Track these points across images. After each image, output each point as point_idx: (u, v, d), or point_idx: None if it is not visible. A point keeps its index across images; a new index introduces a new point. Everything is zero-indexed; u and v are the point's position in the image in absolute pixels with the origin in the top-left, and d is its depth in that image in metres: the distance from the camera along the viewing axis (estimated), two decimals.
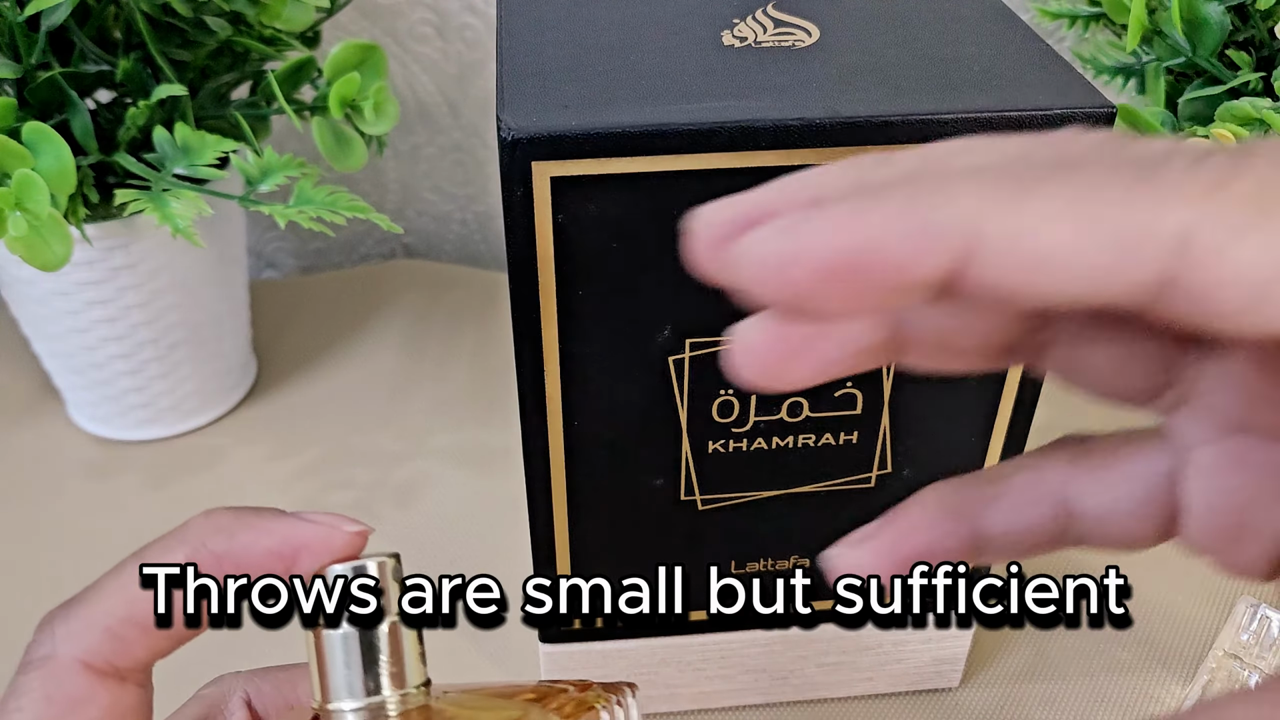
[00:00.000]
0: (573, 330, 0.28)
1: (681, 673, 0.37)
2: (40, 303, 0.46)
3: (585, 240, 0.27)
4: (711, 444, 0.31)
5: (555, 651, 0.36)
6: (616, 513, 0.32)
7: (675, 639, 0.36)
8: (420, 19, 0.59)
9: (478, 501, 0.47)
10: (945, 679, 0.38)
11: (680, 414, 0.30)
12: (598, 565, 0.33)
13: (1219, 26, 0.38)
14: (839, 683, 0.38)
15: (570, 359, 0.29)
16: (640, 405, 0.30)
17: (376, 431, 0.51)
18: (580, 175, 0.25)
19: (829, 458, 0.32)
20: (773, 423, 0.31)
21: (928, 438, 0.32)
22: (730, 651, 0.36)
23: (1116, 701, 0.38)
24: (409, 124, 0.62)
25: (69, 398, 0.52)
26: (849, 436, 0.31)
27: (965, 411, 0.31)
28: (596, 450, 0.31)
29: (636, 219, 0.26)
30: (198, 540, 0.22)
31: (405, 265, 0.64)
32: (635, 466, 0.31)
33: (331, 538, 0.22)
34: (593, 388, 0.29)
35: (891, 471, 0.32)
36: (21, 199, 0.37)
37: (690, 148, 0.25)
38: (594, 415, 0.30)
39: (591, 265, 0.27)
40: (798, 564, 0.34)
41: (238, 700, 0.24)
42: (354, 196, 0.41)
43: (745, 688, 0.38)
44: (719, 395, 0.30)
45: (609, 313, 0.28)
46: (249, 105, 0.45)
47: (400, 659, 0.22)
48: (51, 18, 0.39)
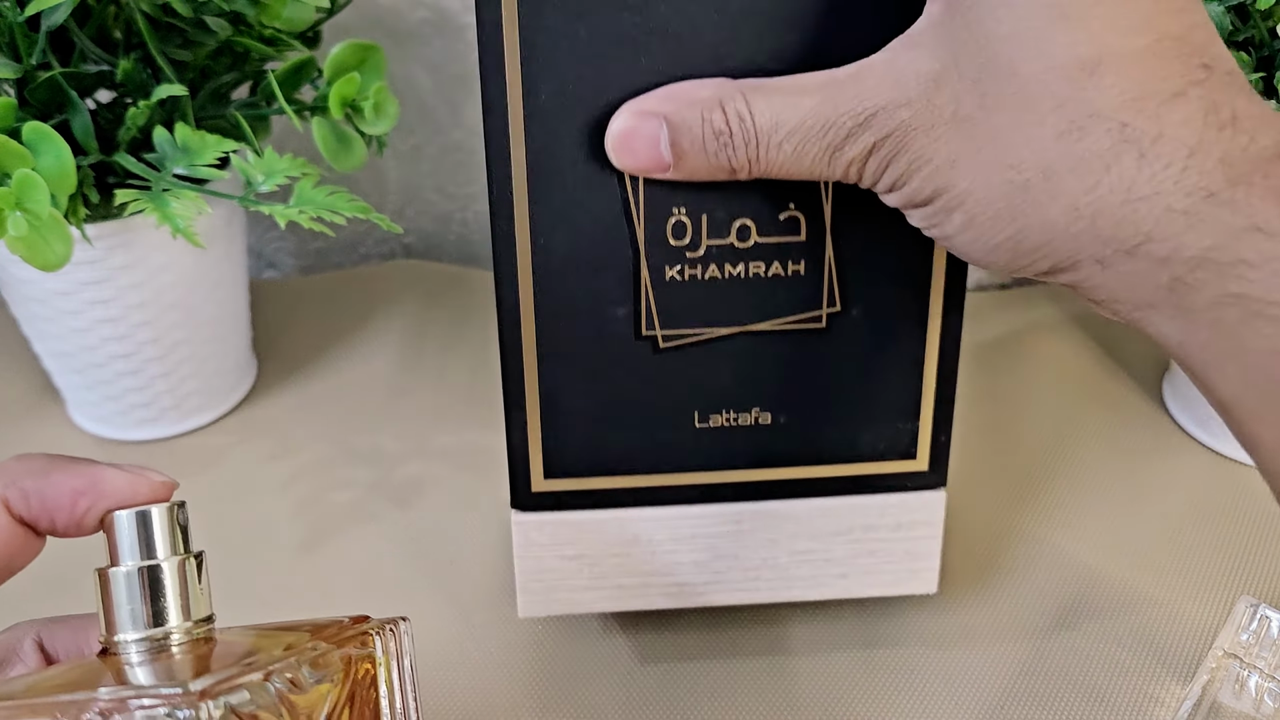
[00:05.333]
0: (535, 133, 0.30)
1: (653, 555, 0.37)
2: (40, 303, 0.46)
3: (546, 39, 0.29)
4: (668, 269, 0.32)
5: (526, 521, 0.36)
6: (582, 349, 0.33)
7: (646, 510, 0.36)
8: (420, 19, 0.59)
9: (478, 502, 0.47)
10: (922, 581, 0.38)
11: (637, 232, 0.32)
12: (566, 411, 0.34)
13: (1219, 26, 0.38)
14: (812, 578, 0.38)
15: (535, 165, 0.30)
16: (601, 221, 0.31)
17: (377, 431, 0.51)
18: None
19: (780, 291, 0.33)
20: (724, 248, 0.32)
21: (872, 271, 0.33)
22: (700, 529, 0.36)
23: (1116, 701, 0.38)
24: (409, 124, 0.62)
25: (69, 398, 0.52)
26: (796, 266, 0.33)
27: (905, 245, 0.33)
28: (562, 271, 0.32)
29: (596, 16, 0.28)
30: (8, 478, 0.24)
31: (406, 265, 0.64)
32: (598, 292, 0.32)
33: (136, 483, 0.24)
34: (556, 199, 0.31)
35: (840, 310, 0.34)
36: (22, 199, 0.37)
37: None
38: (558, 229, 0.31)
39: (551, 64, 0.29)
40: (759, 418, 0.35)
41: (30, 643, 0.25)
42: (354, 197, 0.41)
43: (717, 579, 0.37)
44: (672, 214, 0.31)
45: (569, 114, 0.29)
46: (249, 105, 0.45)
47: (182, 594, 0.24)
48: (52, 18, 0.39)
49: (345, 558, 0.45)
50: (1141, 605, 0.41)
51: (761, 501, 0.36)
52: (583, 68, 0.29)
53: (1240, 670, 0.36)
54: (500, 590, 0.43)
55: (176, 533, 0.24)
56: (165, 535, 0.24)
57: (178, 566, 0.24)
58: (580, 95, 0.30)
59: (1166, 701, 0.38)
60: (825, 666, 0.39)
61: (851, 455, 0.36)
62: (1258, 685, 0.35)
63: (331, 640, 0.24)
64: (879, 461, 0.36)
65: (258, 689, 0.21)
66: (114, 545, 0.24)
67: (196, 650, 0.23)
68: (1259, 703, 0.35)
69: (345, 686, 0.23)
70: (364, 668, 0.24)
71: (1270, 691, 0.35)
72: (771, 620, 0.41)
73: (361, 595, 0.43)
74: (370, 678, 0.24)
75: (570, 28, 0.29)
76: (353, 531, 0.46)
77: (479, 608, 0.42)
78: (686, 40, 0.29)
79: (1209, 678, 0.36)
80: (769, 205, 0.32)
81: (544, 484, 0.36)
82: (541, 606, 0.38)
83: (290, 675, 0.22)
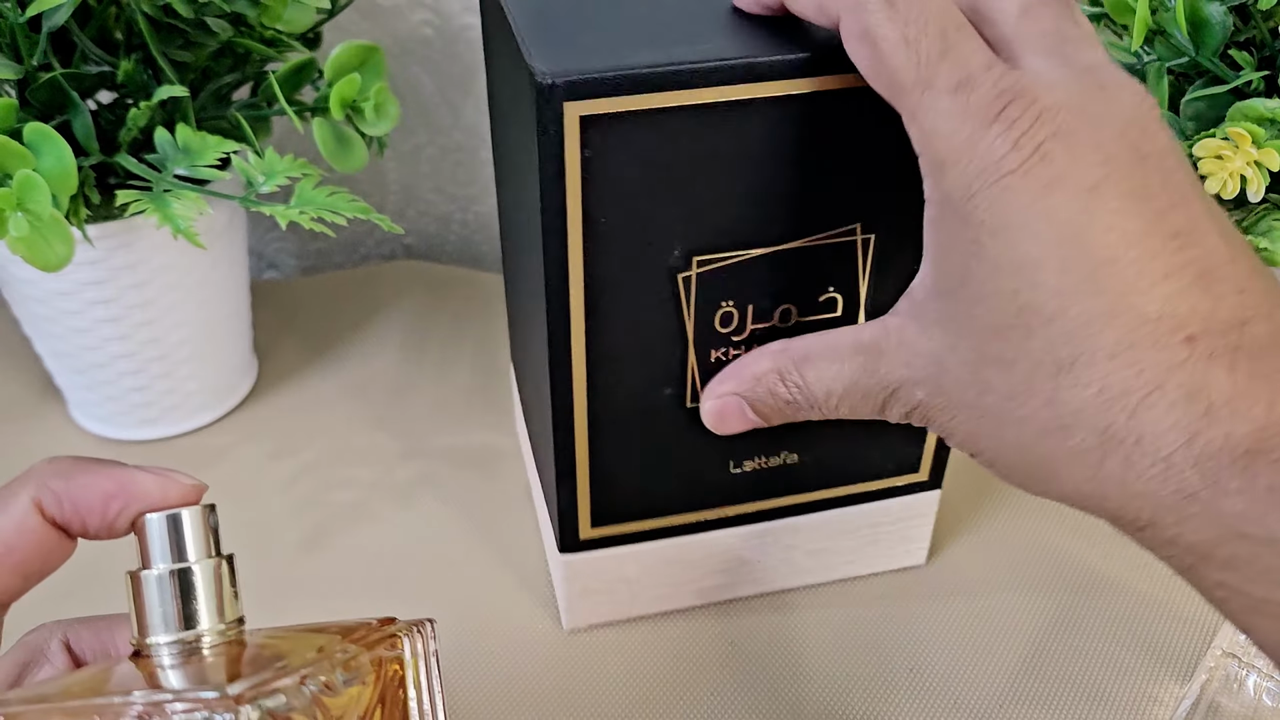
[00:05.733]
0: (594, 254, 0.31)
1: (685, 571, 0.40)
2: (42, 303, 0.46)
3: (606, 172, 0.30)
4: (714, 352, 0.34)
5: (573, 560, 0.39)
6: (630, 422, 0.35)
7: (681, 539, 0.39)
8: (420, 20, 0.59)
9: (478, 502, 0.47)
10: (913, 556, 0.43)
11: (687, 326, 0.34)
12: (613, 472, 0.37)
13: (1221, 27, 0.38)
14: (824, 566, 0.42)
15: (592, 281, 0.32)
16: (653, 320, 0.33)
17: (377, 431, 0.51)
18: (604, 113, 0.29)
19: None
20: (766, 329, 0.34)
21: None
22: (730, 547, 0.40)
23: (1116, 701, 0.38)
24: (410, 125, 0.63)
25: (70, 398, 0.52)
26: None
27: None
28: (614, 364, 0.34)
29: (650, 150, 0.30)
30: (40, 481, 0.24)
31: (406, 266, 0.64)
32: (648, 377, 0.35)
33: (166, 486, 0.24)
34: (611, 306, 0.33)
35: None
36: (23, 199, 0.37)
37: (699, 83, 0.29)
38: (612, 331, 0.33)
39: (611, 195, 0.30)
40: (787, 459, 0.38)
41: (57, 643, 0.25)
42: (355, 197, 0.41)
43: (741, 580, 0.41)
44: (720, 306, 0.33)
45: (626, 237, 0.31)
46: (250, 106, 0.46)
47: (213, 596, 0.24)
48: (53, 19, 0.39)
49: (346, 557, 0.45)
50: (1141, 604, 0.41)
51: (785, 519, 0.40)
52: (637, 200, 0.31)
53: (1239, 670, 0.36)
54: (500, 590, 0.43)
55: (208, 535, 0.24)
56: (196, 538, 0.24)
57: (209, 569, 0.24)
58: (636, 223, 0.32)
59: (1166, 701, 0.38)
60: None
61: (864, 476, 0.40)
62: (1256, 685, 0.35)
63: (361, 642, 0.24)
64: (888, 478, 0.40)
65: (293, 692, 0.21)
66: (145, 548, 0.24)
67: (228, 653, 0.23)
68: (1257, 702, 0.35)
69: (376, 688, 0.24)
70: (393, 669, 0.24)
71: (1268, 691, 0.35)
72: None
73: (362, 595, 0.43)
74: (399, 679, 0.25)
75: (628, 169, 0.30)
76: (353, 531, 0.46)
77: (479, 608, 0.42)
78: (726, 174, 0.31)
79: (1208, 677, 0.36)
80: (812, 290, 0.34)
81: (590, 532, 0.38)
82: (583, 620, 0.41)
83: (324, 678, 0.22)
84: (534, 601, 0.42)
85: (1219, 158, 0.36)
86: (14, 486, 0.24)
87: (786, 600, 0.42)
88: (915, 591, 0.43)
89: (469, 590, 0.43)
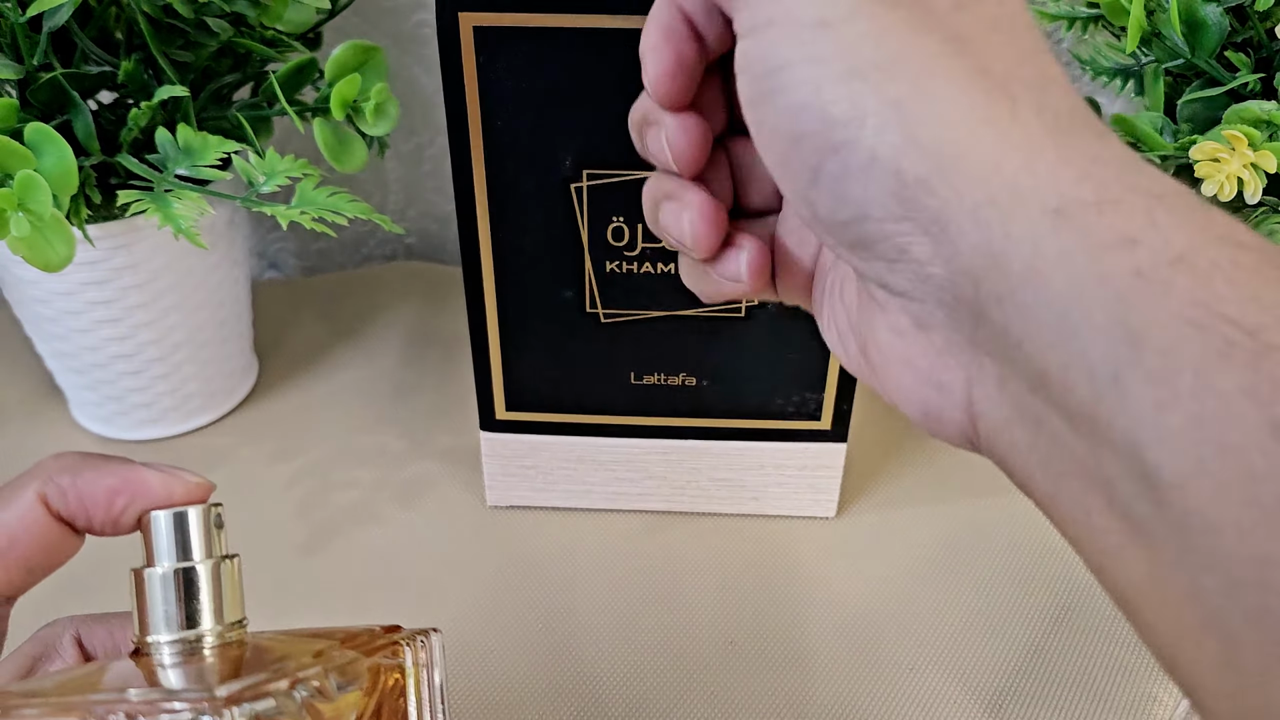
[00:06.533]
0: (494, 157, 0.36)
1: (595, 470, 0.45)
2: (43, 303, 0.46)
3: (500, 81, 0.34)
4: (609, 264, 0.39)
5: (492, 439, 0.44)
6: (537, 321, 0.40)
7: (591, 439, 0.44)
8: (420, 20, 0.59)
9: (479, 502, 0.47)
10: (822, 508, 0.46)
11: (582, 233, 0.38)
12: (522, 360, 0.41)
13: (1217, 28, 0.38)
14: (729, 499, 0.46)
15: (494, 182, 0.37)
16: (550, 224, 0.38)
17: (379, 432, 0.51)
18: (495, 26, 0.33)
19: None
20: (656, 249, 0.38)
21: None
22: (635, 455, 0.44)
23: (1116, 701, 0.38)
24: (411, 125, 0.63)
25: (71, 398, 0.52)
26: None
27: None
28: (517, 259, 0.39)
29: (541, 65, 0.34)
30: (46, 475, 0.24)
31: (407, 266, 0.64)
32: (549, 279, 0.39)
33: (172, 484, 0.24)
34: (512, 208, 0.37)
35: (759, 303, 0.40)
36: (24, 199, 0.37)
37: (585, 9, 0.32)
38: (514, 231, 0.38)
39: (505, 102, 0.35)
40: (686, 380, 0.42)
41: (69, 638, 0.26)
42: (356, 197, 0.42)
43: (649, 492, 0.46)
44: (612, 221, 0.38)
45: (522, 143, 0.36)
46: (251, 106, 0.46)
47: (216, 597, 0.23)
48: (53, 19, 0.39)
49: (347, 558, 0.45)
50: None
51: (685, 440, 0.44)
52: (529, 110, 0.35)
53: None
54: (501, 590, 0.43)
55: (213, 534, 0.24)
56: (201, 537, 0.24)
57: (212, 569, 0.23)
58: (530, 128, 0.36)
59: (1166, 701, 0.38)
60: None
61: (764, 414, 0.43)
62: None
63: (361, 649, 0.24)
64: (788, 420, 0.43)
65: (284, 697, 0.21)
66: (150, 546, 0.23)
67: (228, 654, 0.23)
68: None
69: (373, 696, 0.23)
70: (393, 678, 0.24)
71: None
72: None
73: (363, 595, 0.43)
74: (399, 688, 0.24)
75: (521, 79, 0.34)
76: (355, 532, 0.46)
77: (480, 607, 0.42)
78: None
79: None
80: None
81: (505, 414, 0.43)
82: (503, 499, 0.47)
83: (317, 684, 0.22)
84: (533, 600, 0.42)
85: (1216, 160, 0.36)
86: (21, 480, 0.24)
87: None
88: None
89: (469, 590, 0.43)
